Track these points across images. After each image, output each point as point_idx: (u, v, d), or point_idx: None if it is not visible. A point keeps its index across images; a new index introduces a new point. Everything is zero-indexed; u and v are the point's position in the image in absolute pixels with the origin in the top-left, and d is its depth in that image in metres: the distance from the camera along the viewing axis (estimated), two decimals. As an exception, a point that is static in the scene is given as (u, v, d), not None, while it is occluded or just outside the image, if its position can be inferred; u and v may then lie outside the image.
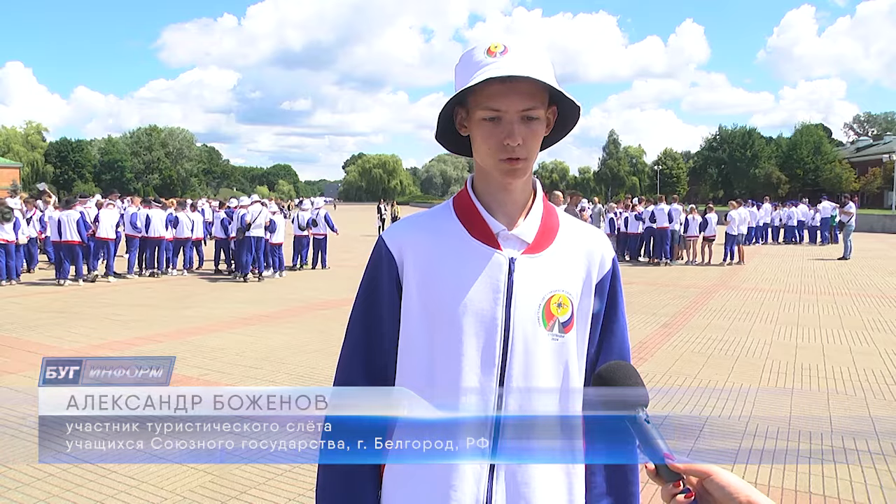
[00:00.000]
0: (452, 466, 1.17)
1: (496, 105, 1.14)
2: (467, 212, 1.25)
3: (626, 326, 1.33)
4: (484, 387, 1.17)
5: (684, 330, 8.21)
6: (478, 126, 1.17)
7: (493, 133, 1.15)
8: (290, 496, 3.57)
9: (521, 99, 1.14)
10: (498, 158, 1.16)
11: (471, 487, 1.17)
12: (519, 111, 1.14)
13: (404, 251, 1.24)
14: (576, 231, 1.29)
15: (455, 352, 1.18)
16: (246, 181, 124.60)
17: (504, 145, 1.14)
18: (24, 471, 3.88)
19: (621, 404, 0.94)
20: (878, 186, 55.16)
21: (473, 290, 1.19)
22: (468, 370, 1.17)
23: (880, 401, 5.30)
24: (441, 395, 1.19)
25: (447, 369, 1.18)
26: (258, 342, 7.48)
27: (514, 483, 1.18)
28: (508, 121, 1.14)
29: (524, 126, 1.15)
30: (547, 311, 1.20)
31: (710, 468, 0.87)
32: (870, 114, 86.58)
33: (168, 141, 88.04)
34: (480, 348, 1.18)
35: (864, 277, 13.81)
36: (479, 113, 1.16)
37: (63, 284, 12.49)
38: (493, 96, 1.14)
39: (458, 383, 1.17)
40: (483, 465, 1.17)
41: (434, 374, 1.20)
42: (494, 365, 1.18)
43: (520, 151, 1.15)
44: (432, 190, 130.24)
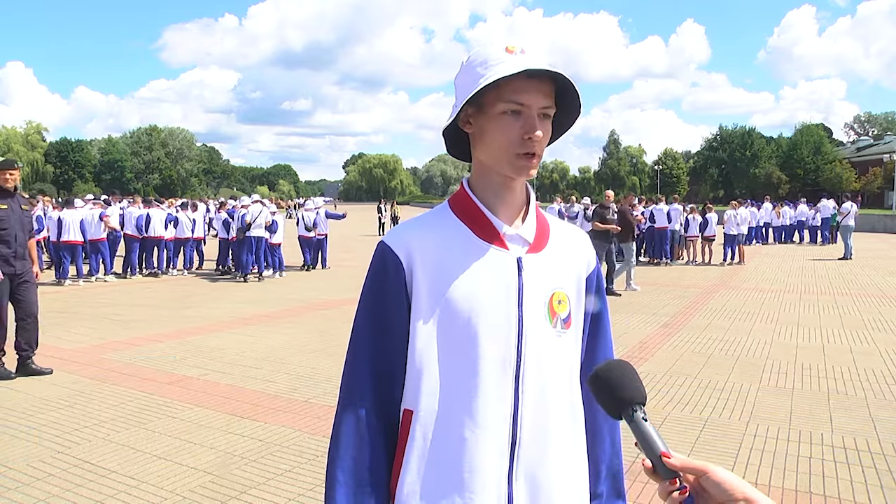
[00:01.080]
0: (473, 472, 1.15)
1: (521, 99, 1.14)
2: (469, 212, 1.24)
3: (609, 324, 1.37)
4: (502, 388, 1.17)
5: (684, 330, 8.21)
6: (496, 120, 1.17)
7: (513, 126, 1.16)
8: (290, 496, 3.56)
9: (543, 96, 1.15)
10: (515, 153, 1.16)
11: (492, 491, 1.16)
12: (540, 107, 1.15)
13: (412, 256, 1.21)
14: (563, 231, 1.32)
15: (472, 355, 1.17)
16: (246, 181, 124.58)
17: (524, 139, 1.15)
18: (24, 471, 3.88)
19: (618, 402, 0.94)
20: (878, 186, 55.14)
21: (488, 291, 1.19)
22: (486, 373, 1.17)
23: (880, 401, 5.29)
24: (459, 400, 1.18)
25: (465, 374, 1.17)
26: (258, 342, 7.48)
27: (534, 482, 1.18)
28: (531, 115, 1.15)
29: (542, 123, 1.16)
30: (551, 308, 1.22)
31: (707, 466, 0.87)
32: (870, 114, 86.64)
33: (168, 141, 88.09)
34: (497, 350, 1.18)
35: (864, 277, 13.80)
36: (501, 106, 1.16)
37: (63, 284, 12.50)
38: (518, 90, 1.14)
39: (475, 387, 1.17)
40: (502, 466, 1.17)
41: (450, 379, 1.18)
42: (511, 366, 1.18)
43: (538, 147, 1.16)
44: (432, 190, 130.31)
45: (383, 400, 1.22)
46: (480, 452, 1.16)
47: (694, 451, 4.22)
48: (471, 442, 1.16)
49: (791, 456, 4.16)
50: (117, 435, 4.49)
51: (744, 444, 4.36)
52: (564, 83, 1.17)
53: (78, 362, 6.49)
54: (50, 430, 4.57)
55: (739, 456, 4.16)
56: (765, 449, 4.27)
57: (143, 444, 4.31)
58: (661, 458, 0.89)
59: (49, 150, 75.83)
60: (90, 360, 6.61)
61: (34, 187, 44.53)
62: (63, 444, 4.30)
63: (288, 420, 4.81)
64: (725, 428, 4.66)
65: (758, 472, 3.91)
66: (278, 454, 4.16)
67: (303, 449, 4.25)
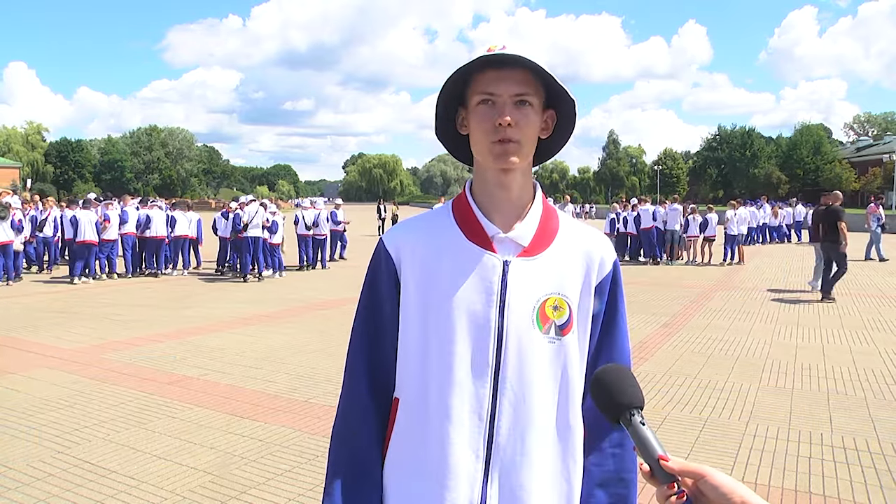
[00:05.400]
0: (446, 467, 1.18)
1: (490, 89, 1.17)
2: (464, 214, 1.26)
3: (626, 329, 1.32)
4: (477, 388, 1.19)
5: (684, 330, 8.21)
6: (472, 113, 1.20)
7: (486, 116, 1.18)
8: (290, 496, 3.56)
9: (515, 84, 1.17)
10: (490, 141, 1.18)
11: (465, 489, 1.17)
12: (512, 95, 1.17)
13: (401, 252, 1.26)
14: (576, 233, 1.29)
15: (447, 353, 1.19)
16: (246, 181, 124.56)
17: (496, 126, 1.17)
18: (24, 471, 3.88)
19: (616, 406, 0.95)
20: (878, 186, 55.15)
21: (466, 291, 1.20)
22: (460, 371, 1.19)
23: (880, 401, 5.29)
24: (435, 395, 1.20)
25: (441, 370, 1.20)
26: (258, 342, 7.48)
27: (508, 486, 1.18)
28: (501, 103, 1.17)
29: (517, 109, 1.17)
30: (542, 314, 1.20)
31: (705, 469, 0.87)
32: (870, 114, 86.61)
33: (168, 141, 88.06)
34: (473, 350, 1.19)
35: (864, 277, 13.80)
36: (475, 98, 1.19)
37: (76, 283, 12.53)
38: (488, 81, 1.18)
39: (450, 384, 1.19)
40: (477, 467, 1.18)
41: (429, 374, 1.21)
42: (488, 366, 1.19)
43: (512, 133, 1.17)
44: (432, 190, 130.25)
45: (380, 394, 1.28)
46: (455, 449, 1.18)
47: (693, 452, 4.22)
48: (446, 437, 1.18)
49: (791, 456, 4.16)
50: (117, 435, 4.49)
51: (743, 444, 4.36)
52: (543, 73, 1.17)
53: (78, 362, 6.49)
54: (50, 430, 4.57)
55: (739, 456, 4.16)
56: (765, 449, 4.27)
57: (143, 444, 4.31)
58: (658, 462, 0.89)
59: (49, 150, 75.76)
60: (90, 360, 6.61)
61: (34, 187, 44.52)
62: (63, 444, 4.30)
63: (288, 420, 4.81)
64: (725, 428, 4.66)
65: (757, 472, 3.91)
66: (278, 454, 4.15)
67: (303, 449, 4.25)
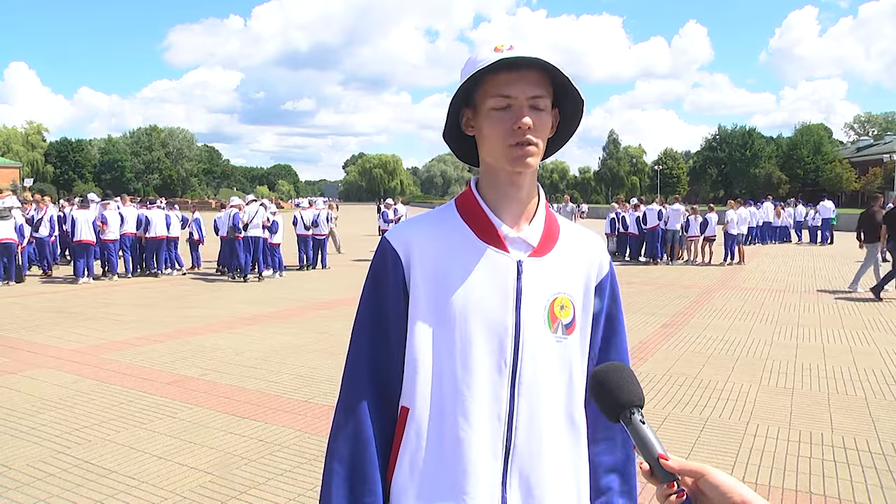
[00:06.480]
0: (465, 472, 1.15)
1: (506, 91, 1.14)
2: (473, 213, 1.24)
3: (624, 328, 1.33)
4: (497, 390, 1.17)
5: (684, 330, 8.21)
6: (486, 117, 1.17)
7: (502, 120, 1.15)
8: (290, 496, 3.56)
9: (530, 86, 1.14)
10: (508, 144, 1.15)
11: (485, 492, 1.15)
12: (528, 97, 1.14)
13: (410, 251, 1.21)
14: (575, 235, 1.29)
15: (465, 356, 1.17)
16: (246, 181, 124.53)
17: (514, 130, 1.14)
18: (24, 471, 3.88)
19: (616, 405, 0.94)
20: (878, 186, 55.13)
21: (484, 294, 1.18)
22: (480, 373, 1.16)
23: (880, 401, 5.29)
24: (452, 399, 1.17)
25: (461, 372, 1.17)
26: (258, 342, 7.48)
27: (526, 484, 1.17)
28: (518, 106, 1.15)
29: (534, 112, 1.15)
30: (551, 314, 1.20)
31: (704, 468, 0.87)
32: (870, 114, 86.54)
33: (168, 141, 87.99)
34: (492, 352, 1.17)
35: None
36: (489, 102, 1.16)
37: (80, 283, 12.53)
38: (502, 84, 1.14)
39: (469, 387, 1.16)
40: (496, 468, 1.16)
41: (444, 377, 1.18)
42: (507, 368, 1.17)
43: (530, 136, 1.15)
44: (432, 190, 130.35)
45: (381, 394, 1.22)
46: (474, 454, 1.15)
47: (694, 451, 4.22)
48: (464, 442, 1.15)
49: (791, 456, 4.16)
50: (117, 435, 4.49)
51: (744, 444, 4.35)
52: (554, 73, 1.16)
53: (78, 362, 6.49)
54: (50, 430, 4.57)
55: (739, 456, 4.16)
56: (765, 449, 4.27)
57: (143, 444, 4.31)
58: (658, 461, 0.88)
59: (49, 150, 75.72)
60: (90, 360, 6.61)
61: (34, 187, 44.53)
62: (63, 444, 4.30)
63: (288, 420, 4.81)
64: (725, 428, 4.65)
65: (758, 472, 3.91)
66: (278, 454, 4.15)
67: (303, 449, 4.25)
